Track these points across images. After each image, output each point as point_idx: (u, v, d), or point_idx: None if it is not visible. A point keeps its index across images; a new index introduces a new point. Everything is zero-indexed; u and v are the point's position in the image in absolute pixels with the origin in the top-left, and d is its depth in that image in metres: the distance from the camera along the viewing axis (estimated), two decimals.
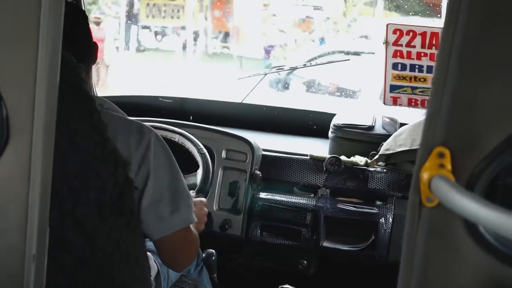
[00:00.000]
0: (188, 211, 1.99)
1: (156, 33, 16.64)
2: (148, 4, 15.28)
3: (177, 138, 2.95)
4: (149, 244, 2.08)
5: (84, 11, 2.20)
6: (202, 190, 2.83)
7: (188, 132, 2.99)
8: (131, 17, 15.31)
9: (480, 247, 1.01)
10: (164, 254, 2.07)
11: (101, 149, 1.71)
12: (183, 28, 15.67)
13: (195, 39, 15.55)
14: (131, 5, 15.54)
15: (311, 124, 3.63)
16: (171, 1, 15.32)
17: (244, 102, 3.79)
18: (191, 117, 3.58)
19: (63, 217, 1.60)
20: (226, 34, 15.94)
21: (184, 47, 15.27)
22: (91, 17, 12.43)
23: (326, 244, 2.98)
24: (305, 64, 3.76)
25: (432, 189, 1.01)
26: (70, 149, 1.62)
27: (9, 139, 1.27)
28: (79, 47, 1.94)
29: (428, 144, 1.04)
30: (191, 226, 2.04)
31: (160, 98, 3.76)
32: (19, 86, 1.25)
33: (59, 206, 1.60)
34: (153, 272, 2.21)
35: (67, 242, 1.68)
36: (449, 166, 1.01)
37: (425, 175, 1.03)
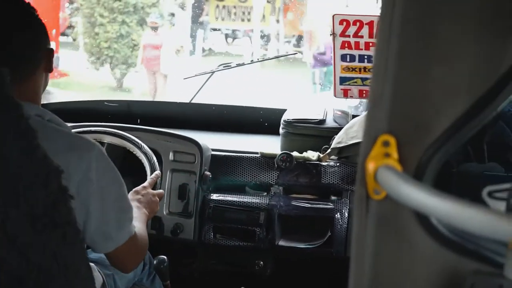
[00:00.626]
0: (130, 223, 1.98)
1: (226, 36, 16.44)
2: (217, 6, 15.09)
3: (122, 142, 2.87)
4: (93, 255, 2.02)
5: (31, 13, 2.08)
6: None
7: (134, 136, 2.91)
8: (198, 19, 15.03)
9: (432, 238, 0.96)
10: (111, 262, 2.07)
11: (30, 158, 1.62)
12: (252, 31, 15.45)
13: (266, 43, 15.24)
14: (198, 7, 15.24)
15: (262, 121, 3.58)
16: (242, 3, 15.13)
17: (192, 102, 3.73)
18: (138, 120, 3.51)
19: None
20: (299, 38, 15.64)
21: (252, 52, 14.85)
22: (148, 21, 12.10)
23: (281, 243, 2.91)
24: (252, 60, 3.71)
25: (379, 180, 0.95)
26: None
27: None
28: (24, 54, 1.85)
29: (372, 133, 0.98)
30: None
31: (105, 102, 3.68)
32: None
33: None
34: (98, 284, 2.13)
35: (0, 259, 1.59)
36: (395, 155, 0.96)
37: (370, 166, 0.98)
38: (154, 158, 2.82)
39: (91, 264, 2.06)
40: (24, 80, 1.86)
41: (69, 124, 2.74)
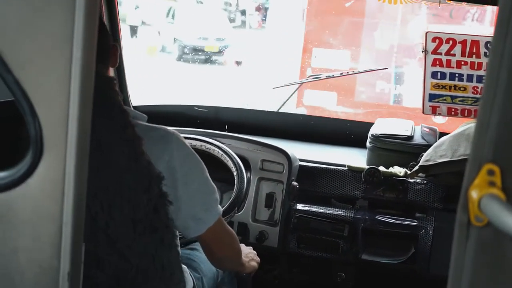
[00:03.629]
0: (216, 205, 2.02)
1: None
2: None
3: (211, 149, 2.93)
4: (184, 258, 2.07)
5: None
6: (237, 201, 2.79)
7: (223, 142, 2.96)
8: None
9: None
10: (204, 249, 2.14)
11: (135, 164, 1.68)
12: None
13: None
14: None
15: (348, 133, 3.58)
16: None
17: (280, 111, 3.76)
18: (226, 126, 3.56)
19: (96, 234, 1.58)
20: None
21: None
22: None
23: (365, 256, 2.92)
24: (342, 73, 3.71)
25: (482, 208, 0.97)
26: (103, 164, 1.60)
27: (42, 154, 1.25)
28: (101, 53, 1.91)
29: (476, 161, 1.00)
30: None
31: (195, 107, 3.74)
32: (53, 102, 1.23)
33: (92, 223, 1.58)
34: (189, 286, 2.19)
35: (101, 259, 1.66)
36: (499, 184, 0.97)
37: (474, 194, 0.99)
38: (242, 166, 2.87)
39: (183, 266, 2.11)
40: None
41: None
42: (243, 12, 16.78)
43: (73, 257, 1.31)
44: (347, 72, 3.72)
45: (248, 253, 2.47)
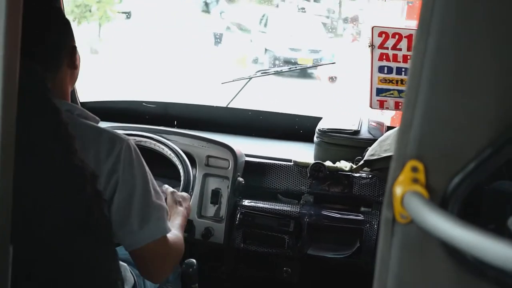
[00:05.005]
0: (159, 223, 1.94)
1: None
2: None
3: (157, 146, 2.91)
4: (126, 254, 2.04)
5: (58, 8, 2.11)
6: None
7: (169, 139, 2.94)
8: None
9: (455, 263, 0.97)
10: (138, 265, 2.05)
11: (67, 164, 1.65)
12: None
13: None
14: None
15: (297, 128, 3.59)
16: None
17: (229, 106, 3.75)
18: (175, 122, 3.54)
19: (29, 235, 1.55)
20: None
21: None
22: None
23: (310, 251, 2.93)
24: (290, 68, 3.71)
25: (405, 205, 0.97)
26: (35, 164, 1.57)
27: None
28: (48, 52, 1.89)
29: (401, 157, 1.00)
30: (169, 236, 2.00)
31: (144, 103, 3.72)
32: None
33: (24, 224, 1.55)
34: (129, 284, 2.17)
35: (34, 261, 1.63)
36: (423, 181, 0.97)
37: (398, 190, 0.99)
38: (188, 162, 2.85)
39: (124, 264, 2.09)
40: (50, 77, 1.90)
41: (107, 124, 2.79)
42: (341, 22, 16.32)
43: (0, 257, 1.28)
44: (295, 67, 3.71)
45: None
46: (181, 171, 2.83)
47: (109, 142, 1.86)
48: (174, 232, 2.10)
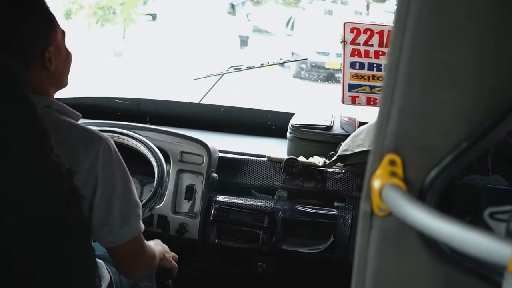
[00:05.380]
0: (137, 221, 1.98)
1: None
2: None
3: (130, 141, 2.90)
4: (102, 251, 2.04)
5: (38, 8, 2.07)
6: (157, 193, 2.78)
7: (143, 135, 2.94)
8: None
9: (433, 255, 0.98)
10: (115, 261, 2.07)
11: (44, 159, 1.65)
12: None
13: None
14: None
15: (269, 124, 3.60)
16: None
17: (201, 102, 3.75)
18: (148, 119, 3.54)
19: (4, 231, 1.54)
20: None
21: None
22: None
23: (284, 246, 2.94)
24: (262, 64, 3.71)
25: (383, 198, 0.98)
26: (10, 160, 1.56)
27: None
28: (20, 48, 1.85)
29: (378, 151, 1.01)
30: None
31: (116, 100, 3.70)
32: None
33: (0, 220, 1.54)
34: (106, 281, 2.17)
35: (10, 256, 1.62)
36: (400, 174, 0.98)
37: (376, 183, 1.00)
38: (162, 158, 2.85)
39: (100, 261, 2.09)
40: (24, 73, 1.88)
41: (81, 121, 2.77)
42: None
43: None
44: (268, 63, 3.71)
45: (167, 250, 2.46)
46: (155, 167, 2.83)
47: (87, 140, 1.86)
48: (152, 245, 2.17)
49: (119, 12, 15.39)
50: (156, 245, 2.34)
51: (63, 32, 2.01)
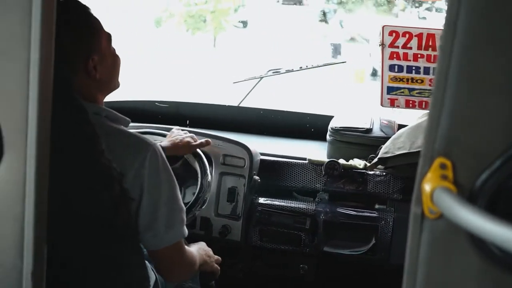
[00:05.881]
0: (181, 226, 2.01)
1: None
2: None
3: None
4: (146, 253, 2.08)
5: (84, 17, 2.04)
6: (201, 197, 2.81)
7: None
8: None
9: (485, 259, 0.99)
10: (155, 264, 2.13)
11: (94, 162, 1.69)
12: None
13: None
14: None
15: (308, 126, 3.61)
16: None
17: (240, 105, 3.78)
18: (187, 122, 3.57)
19: (55, 233, 1.58)
20: None
21: None
22: None
23: (326, 248, 2.96)
24: (301, 67, 3.73)
25: (435, 201, 1.00)
26: (61, 163, 1.60)
27: (2, 156, 1.25)
28: (65, 55, 1.87)
29: (429, 154, 1.02)
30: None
31: (156, 103, 3.74)
32: (11, 104, 1.24)
33: (51, 221, 1.58)
34: (151, 282, 2.20)
35: (61, 258, 1.66)
36: (451, 177, 1.00)
37: (427, 186, 1.02)
38: (206, 161, 2.88)
39: (145, 262, 2.12)
40: (84, 82, 1.91)
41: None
42: None
43: (36, 257, 1.32)
44: (306, 66, 3.73)
45: (210, 254, 2.49)
46: (198, 170, 2.86)
47: (135, 146, 1.89)
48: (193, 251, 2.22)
49: (209, 20, 15.40)
50: (199, 250, 2.37)
51: (108, 37, 2.03)
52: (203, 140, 2.84)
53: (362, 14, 15.55)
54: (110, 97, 3.09)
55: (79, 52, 1.93)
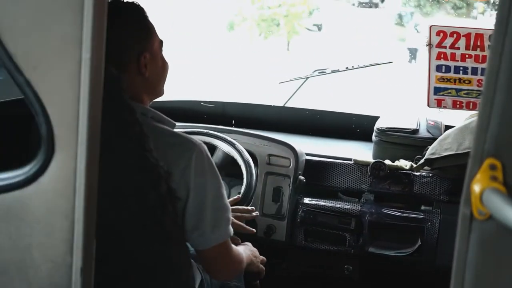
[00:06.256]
0: (227, 225, 2.01)
1: None
2: None
3: (219, 144, 2.95)
4: (193, 252, 2.09)
5: (135, 16, 2.06)
6: (246, 196, 2.82)
7: (231, 138, 2.98)
8: None
9: None
10: (202, 263, 2.14)
11: (142, 161, 1.70)
12: None
13: None
14: None
15: (354, 127, 3.60)
16: None
17: (286, 105, 3.78)
18: (233, 121, 3.58)
19: (103, 230, 1.61)
20: None
21: None
22: None
23: (371, 249, 2.95)
24: (347, 67, 3.72)
25: (484, 202, 0.99)
26: (110, 161, 1.62)
27: (54, 153, 1.28)
28: (115, 54, 1.84)
29: (478, 155, 1.02)
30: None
31: (202, 103, 3.77)
32: (63, 102, 1.26)
33: (100, 219, 1.61)
34: (197, 280, 2.22)
35: (108, 254, 1.68)
36: (501, 179, 0.99)
37: (476, 188, 1.01)
38: (251, 161, 2.89)
39: (191, 260, 2.14)
40: (132, 82, 1.94)
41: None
42: None
43: (86, 252, 1.34)
44: (352, 67, 3.72)
45: (256, 254, 2.50)
46: (243, 169, 2.87)
47: (180, 146, 1.90)
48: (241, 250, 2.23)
49: (283, 24, 15.32)
50: (245, 250, 2.38)
51: (160, 42, 2.06)
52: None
53: (439, 17, 15.34)
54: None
55: (132, 50, 1.95)
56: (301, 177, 2.99)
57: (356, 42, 14.85)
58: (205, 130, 3.02)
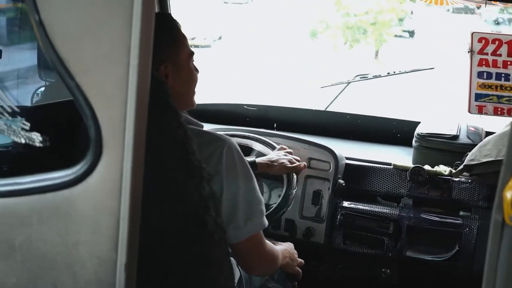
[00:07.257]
0: (260, 217, 2.07)
1: None
2: None
3: (260, 147, 2.99)
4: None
5: (169, 25, 2.15)
6: (286, 199, 2.86)
7: (272, 141, 3.02)
8: None
9: None
10: (236, 257, 2.18)
11: (186, 163, 1.75)
12: None
13: None
14: None
15: (394, 132, 3.62)
16: None
17: (327, 110, 3.81)
18: (275, 125, 3.62)
19: (147, 229, 1.66)
20: None
21: None
22: None
23: (409, 253, 2.97)
24: (389, 73, 3.74)
25: None
26: (155, 163, 1.67)
27: (101, 155, 1.33)
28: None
29: (511, 163, 1.04)
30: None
31: (244, 106, 3.81)
32: (111, 106, 1.31)
33: (144, 218, 1.65)
34: (236, 278, 2.26)
35: (152, 253, 1.73)
36: None
37: (508, 195, 1.03)
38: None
39: (231, 259, 2.18)
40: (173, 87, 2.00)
41: (211, 126, 2.88)
42: None
43: (130, 250, 1.39)
44: (394, 72, 3.74)
45: (294, 257, 2.54)
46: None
47: (211, 143, 1.97)
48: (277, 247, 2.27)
49: (369, 32, 15.01)
50: (283, 251, 2.41)
51: (190, 53, 2.13)
52: (301, 164, 2.89)
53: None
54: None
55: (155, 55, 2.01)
56: (341, 181, 3.02)
57: (448, 47, 14.70)
58: (245, 133, 3.06)
